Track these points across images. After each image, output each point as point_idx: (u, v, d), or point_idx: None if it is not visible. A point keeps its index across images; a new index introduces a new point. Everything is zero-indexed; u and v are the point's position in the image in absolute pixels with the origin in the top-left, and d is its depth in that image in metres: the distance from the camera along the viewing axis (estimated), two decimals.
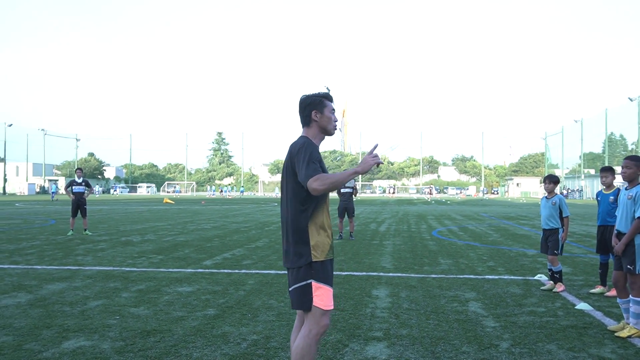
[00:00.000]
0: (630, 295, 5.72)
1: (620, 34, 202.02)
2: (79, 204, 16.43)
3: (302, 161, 3.45)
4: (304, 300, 3.51)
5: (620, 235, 5.89)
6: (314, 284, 3.49)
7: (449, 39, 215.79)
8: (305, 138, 3.65)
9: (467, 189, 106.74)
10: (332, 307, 3.54)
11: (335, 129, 3.77)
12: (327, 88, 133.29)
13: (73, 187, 16.61)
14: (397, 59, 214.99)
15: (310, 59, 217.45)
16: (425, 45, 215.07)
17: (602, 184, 7.73)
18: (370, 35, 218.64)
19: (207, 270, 9.44)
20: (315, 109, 3.69)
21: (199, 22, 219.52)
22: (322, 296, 3.50)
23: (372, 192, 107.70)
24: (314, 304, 3.49)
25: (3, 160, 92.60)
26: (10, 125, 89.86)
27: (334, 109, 3.76)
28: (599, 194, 7.87)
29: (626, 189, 5.96)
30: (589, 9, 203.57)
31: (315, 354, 3.57)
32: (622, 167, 5.95)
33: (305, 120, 3.74)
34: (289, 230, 3.60)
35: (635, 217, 5.66)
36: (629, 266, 5.68)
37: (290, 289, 3.60)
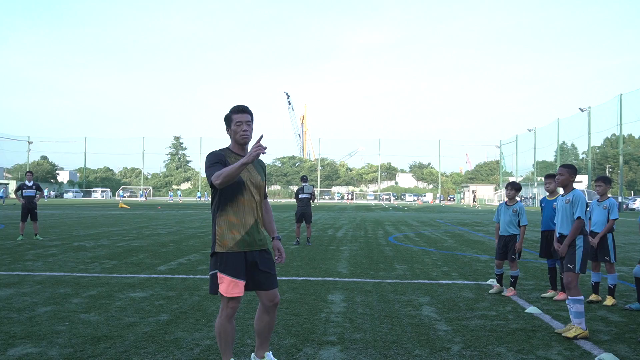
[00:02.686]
0: (568, 296, 5.93)
1: (571, 47, 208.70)
2: (29, 208, 16.08)
3: (206, 169, 4.03)
4: (212, 286, 4.11)
5: (562, 238, 6.22)
6: (219, 274, 4.05)
7: (406, 48, 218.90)
8: (220, 149, 4.18)
9: (424, 195, 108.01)
10: (235, 295, 4.02)
11: (243, 137, 4.14)
12: (287, 94, 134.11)
13: (23, 191, 16.24)
14: (356, 66, 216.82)
15: (269, 64, 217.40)
16: (384, 53, 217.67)
17: (546, 190, 8.18)
18: (330, 42, 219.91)
19: (161, 276, 9.31)
20: (227, 126, 4.22)
21: (154, 25, 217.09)
22: (225, 285, 4.02)
23: (330, 198, 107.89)
24: (219, 290, 4.05)
25: None
26: None
27: (240, 121, 4.14)
28: (542, 200, 8.28)
29: (562, 195, 6.42)
30: (542, 22, 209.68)
31: (232, 331, 4.13)
32: (557, 174, 6.41)
33: None
34: None
35: (575, 218, 6.09)
36: (569, 265, 6.01)
37: None
